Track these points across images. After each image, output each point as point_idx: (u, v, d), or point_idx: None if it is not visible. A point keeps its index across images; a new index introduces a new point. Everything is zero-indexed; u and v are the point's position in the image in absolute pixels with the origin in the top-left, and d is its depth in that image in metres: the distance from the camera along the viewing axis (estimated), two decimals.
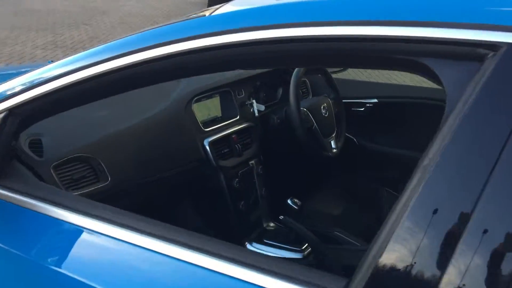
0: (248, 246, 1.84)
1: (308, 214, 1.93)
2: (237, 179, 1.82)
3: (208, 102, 1.84)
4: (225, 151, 1.80)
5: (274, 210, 2.00)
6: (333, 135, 2.10)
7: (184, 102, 1.69)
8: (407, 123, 2.35)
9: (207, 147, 1.72)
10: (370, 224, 2.09)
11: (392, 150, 2.36)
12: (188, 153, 1.66)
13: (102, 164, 1.37)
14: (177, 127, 1.63)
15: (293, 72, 1.92)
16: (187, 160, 1.65)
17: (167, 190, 1.67)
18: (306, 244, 1.79)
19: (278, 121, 1.99)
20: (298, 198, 2.12)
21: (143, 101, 1.64)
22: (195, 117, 1.73)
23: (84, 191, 1.33)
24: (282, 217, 1.68)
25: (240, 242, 1.84)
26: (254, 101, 1.96)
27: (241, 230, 1.85)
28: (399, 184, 1.99)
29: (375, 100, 2.30)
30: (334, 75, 2.27)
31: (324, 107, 2.05)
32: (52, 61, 1.23)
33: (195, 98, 1.75)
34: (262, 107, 1.98)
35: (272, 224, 1.98)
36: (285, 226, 1.73)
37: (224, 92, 1.89)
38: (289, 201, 1.73)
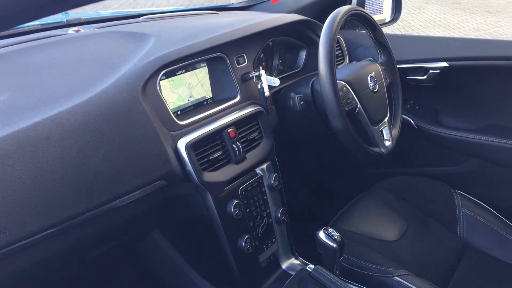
0: None
1: (351, 248, 1.24)
2: (236, 202, 1.12)
3: (187, 76, 1.14)
4: (214, 156, 1.09)
5: (298, 242, 1.32)
6: (386, 119, 1.38)
7: (142, 78, 0.98)
8: (490, 98, 1.61)
9: (184, 153, 1.02)
10: (444, 253, 1.38)
11: (467, 135, 1.63)
12: (148, 166, 0.96)
13: None
14: (127, 123, 0.93)
15: (321, 26, 1.20)
16: (147, 178, 0.96)
17: (111, 236, 0.99)
18: None
19: (302, 102, 1.28)
20: (333, 219, 1.44)
21: (63, 78, 0.94)
22: (163, 103, 1.03)
23: None
24: (312, 268, 0.99)
25: None
26: (262, 72, 1.24)
27: (247, 279, 1.17)
28: (476, 185, 1.17)
29: (444, 64, 1.56)
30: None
31: (372, 78, 1.32)
32: None
33: (164, 71, 1.04)
34: (276, 81, 1.26)
35: (295, 263, 1.29)
36: (317, 283, 1.04)
37: (214, 59, 1.18)
38: (322, 236, 1.04)
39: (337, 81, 1.19)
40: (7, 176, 0.74)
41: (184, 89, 1.14)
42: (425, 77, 1.61)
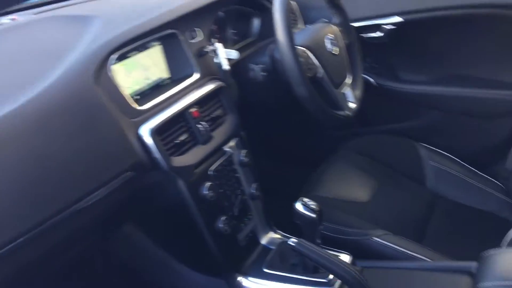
0: (244, 284, 1.14)
1: (327, 214, 1.23)
2: (208, 183, 1.08)
3: (140, 57, 1.06)
4: (181, 139, 1.04)
5: (274, 215, 1.30)
6: (348, 81, 1.36)
7: (92, 65, 0.91)
8: (446, 48, 1.62)
9: (148, 140, 0.96)
10: (417, 207, 1.41)
11: (426, 88, 1.64)
12: (112, 159, 0.90)
13: None
14: (83, 116, 0.86)
15: None
16: (113, 172, 0.90)
17: (80, 239, 0.93)
18: None
19: (263, 73, 1.23)
20: (304, 186, 1.43)
21: (4, 76, 0.86)
22: (119, 90, 0.96)
23: None
24: (294, 241, 0.97)
25: (229, 279, 1.15)
26: (218, 45, 1.19)
27: (228, 260, 1.15)
28: (439, 136, 1.17)
29: (399, 19, 1.54)
30: None
31: (329, 40, 1.29)
32: None
33: (115, 55, 0.97)
34: (234, 54, 1.21)
35: (275, 237, 1.27)
36: (299, 255, 1.03)
37: (167, 36, 1.11)
38: (300, 207, 1.02)
39: (297, 47, 1.15)
40: None
41: (139, 71, 1.07)
42: (379, 34, 1.60)
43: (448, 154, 1.56)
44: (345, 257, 1.14)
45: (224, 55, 1.18)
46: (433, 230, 1.33)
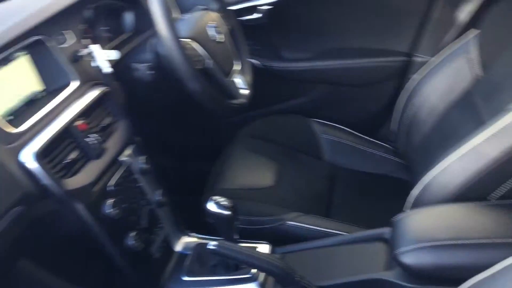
0: None
1: (239, 207, 1.20)
2: (110, 200, 0.98)
3: (4, 72, 0.92)
4: (71, 157, 0.93)
5: (183, 217, 1.24)
6: (236, 68, 1.33)
7: None
8: (324, 22, 1.66)
9: (33, 166, 0.84)
10: (320, 182, 1.44)
11: (309, 64, 1.68)
12: None
13: None
14: None
15: None
16: None
17: None
18: None
19: (151, 72, 1.15)
20: (209, 182, 1.38)
21: None
22: None
23: None
24: (214, 244, 0.92)
25: None
26: (94, 46, 1.07)
27: (144, 276, 1.07)
28: (328, 109, 1.19)
29: None
30: None
31: (213, 28, 1.25)
32: None
33: None
34: (115, 54, 1.10)
35: (190, 241, 1.21)
36: (221, 257, 0.98)
37: (33, 45, 0.98)
38: (212, 207, 0.97)
39: (181, 39, 1.09)
40: None
41: (5, 88, 0.92)
42: (257, 15, 1.58)
43: (339, 126, 1.61)
44: (265, 247, 1.12)
45: (103, 56, 1.07)
46: (339, 202, 1.37)
